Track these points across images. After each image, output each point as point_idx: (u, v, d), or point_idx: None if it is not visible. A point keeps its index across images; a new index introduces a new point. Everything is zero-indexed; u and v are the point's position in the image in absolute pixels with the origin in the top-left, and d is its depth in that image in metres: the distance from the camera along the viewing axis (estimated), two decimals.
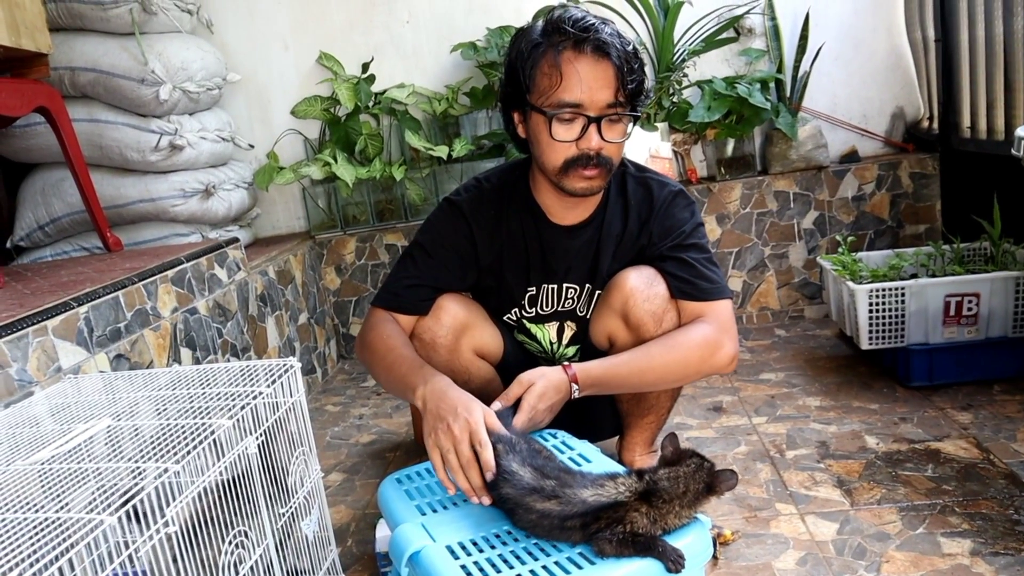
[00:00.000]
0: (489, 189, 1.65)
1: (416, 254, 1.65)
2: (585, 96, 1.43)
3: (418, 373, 1.44)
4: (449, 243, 1.63)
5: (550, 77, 1.44)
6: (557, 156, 1.48)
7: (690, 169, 2.98)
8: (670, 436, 1.19)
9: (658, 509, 1.08)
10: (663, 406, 1.72)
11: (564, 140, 1.46)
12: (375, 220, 3.10)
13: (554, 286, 1.68)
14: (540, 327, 1.74)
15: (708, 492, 1.11)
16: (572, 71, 1.43)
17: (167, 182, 2.58)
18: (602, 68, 1.43)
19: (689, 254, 1.58)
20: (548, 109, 1.45)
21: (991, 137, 2.44)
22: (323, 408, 2.62)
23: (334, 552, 1.45)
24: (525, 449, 1.23)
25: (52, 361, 1.51)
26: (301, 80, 3.15)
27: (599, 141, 1.46)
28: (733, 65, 3.03)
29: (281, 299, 2.66)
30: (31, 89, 2.15)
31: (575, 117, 1.45)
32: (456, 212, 1.64)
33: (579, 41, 1.42)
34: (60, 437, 1.13)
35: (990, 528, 1.47)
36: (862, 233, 2.90)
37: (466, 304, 1.67)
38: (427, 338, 1.62)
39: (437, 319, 1.62)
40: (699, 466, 1.12)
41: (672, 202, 1.62)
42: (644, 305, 1.56)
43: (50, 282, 1.91)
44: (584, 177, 1.49)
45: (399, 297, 1.62)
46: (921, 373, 2.14)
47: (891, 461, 1.77)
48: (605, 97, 1.44)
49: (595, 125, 1.45)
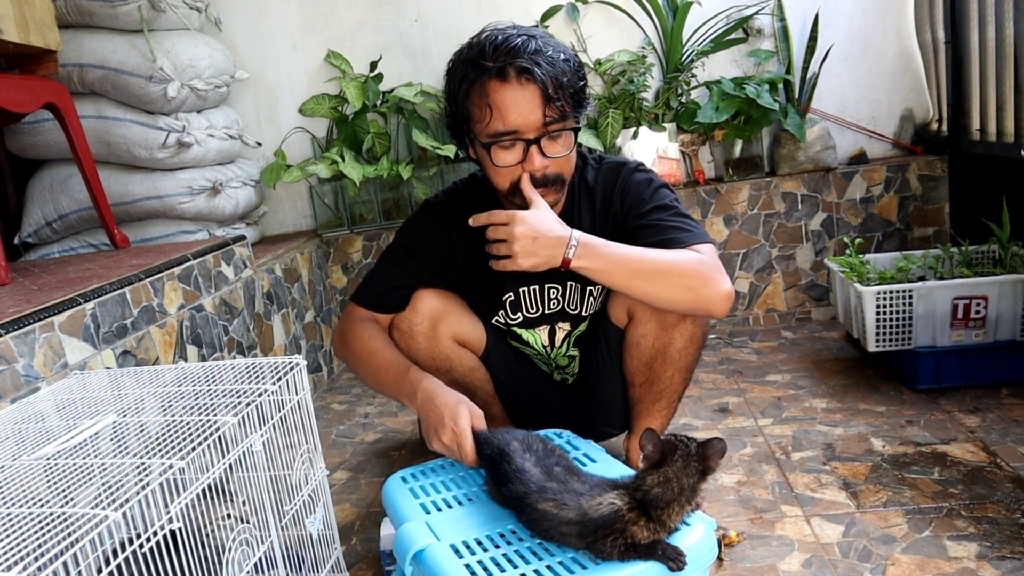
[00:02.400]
0: (464, 191, 1.70)
1: (396, 254, 1.69)
2: (519, 121, 1.45)
3: (406, 380, 1.51)
4: (429, 244, 1.67)
5: (480, 109, 1.47)
6: (504, 180, 1.52)
7: (698, 170, 2.98)
8: (647, 433, 1.11)
9: (657, 518, 1.06)
10: (675, 391, 1.68)
11: (508, 165, 1.49)
12: (382, 219, 3.10)
13: (535, 287, 1.69)
14: (531, 332, 1.75)
15: (704, 475, 1.08)
16: (500, 99, 1.44)
17: (174, 179, 2.59)
18: (530, 90, 1.44)
19: (653, 217, 1.57)
20: (485, 140, 1.48)
21: (1000, 140, 2.43)
22: (329, 406, 2.62)
23: (338, 550, 1.45)
24: (541, 449, 1.23)
25: (58, 357, 1.51)
26: (309, 78, 3.15)
27: (542, 161, 1.48)
28: (742, 66, 3.02)
29: (288, 297, 2.67)
30: (40, 85, 2.15)
31: (513, 143, 1.47)
32: (434, 214, 1.68)
33: (502, 68, 1.43)
34: (65, 433, 1.14)
35: (996, 532, 1.46)
36: (870, 235, 2.89)
37: (443, 295, 1.70)
38: (404, 327, 1.65)
39: (413, 308, 1.66)
40: (686, 457, 1.08)
41: (629, 178, 1.62)
42: None
43: (57, 278, 1.92)
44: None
45: (380, 297, 1.67)
46: (928, 376, 2.13)
47: (897, 464, 1.77)
48: (538, 117, 1.45)
49: (535, 146, 1.46)
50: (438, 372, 1.67)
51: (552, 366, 1.82)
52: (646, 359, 1.64)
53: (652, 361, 1.64)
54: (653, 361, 1.64)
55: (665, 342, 1.61)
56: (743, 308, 2.97)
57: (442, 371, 1.68)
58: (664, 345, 1.62)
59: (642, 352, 1.64)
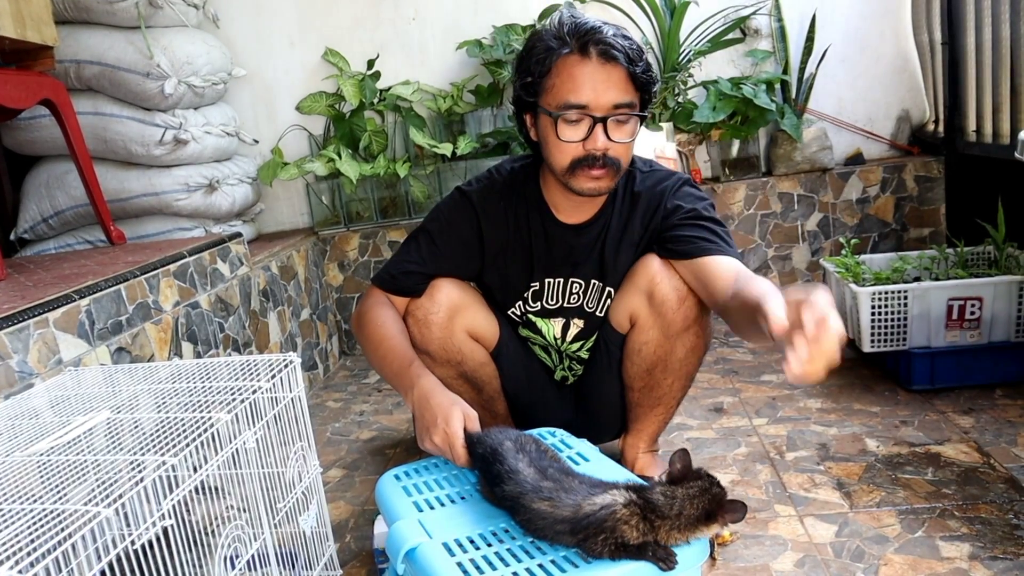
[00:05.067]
0: (500, 182, 1.67)
1: (422, 239, 1.67)
2: (591, 97, 1.45)
3: (407, 374, 1.50)
4: (456, 233, 1.65)
5: (557, 80, 1.47)
6: (564, 157, 1.50)
7: (694, 170, 2.98)
8: (680, 452, 1.12)
9: (649, 523, 1.04)
10: (674, 397, 1.70)
11: (570, 140, 1.48)
12: (379, 217, 3.10)
13: (559, 280, 1.69)
14: (545, 321, 1.74)
15: (707, 519, 1.06)
16: (578, 73, 1.45)
17: (171, 176, 2.59)
18: (607, 70, 1.45)
19: (707, 223, 1.57)
20: (554, 111, 1.47)
21: (996, 141, 2.44)
22: (324, 404, 2.62)
23: (332, 548, 1.46)
24: (533, 450, 1.23)
25: (53, 353, 1.51)
26: (306, 76, 3.15)
27: (605, 141, 1.47)
28: (739, 66, 3.03)
29: (284, 295, 2.66)
30: (36, 81, 2.15)
31: (581, 118, 1.47)
32: (466, 202, 1.66)
33: (584, 44, 1.45)
34: (59, 429, 1.14)
35: (989, 532, 1.46)
36: (866, 236, 2.89)
37: (461, 286, 1.69)
38: (420, 315, 1.64)
39: (431, 297, 1.65)
40: (703, 490, 1.07)
41: (681, 187, 1.63)
42: (670, 282, 1.56)
43: (52, 274, 1.92)
44: (591, 177, 1.51)
45: (396, 280, 1.66)
46: (923, 376, 2.13)
47: (891, 464, 1.77)
48: (611, 98, 1.45)
49: (601, 125, 1.46)
50: (448, 364, 1.67)
51: (556, 360, 1.81)
52: (647, 366, 1.65)
53: (653, 368, 1.65)
54: (654, 368, 1.65)
55: (667, 350, 1.62)
56: None
57: (453, 363, 1.68)
58: (666, 353, 1.62)
59: (643, 359, 1.65)
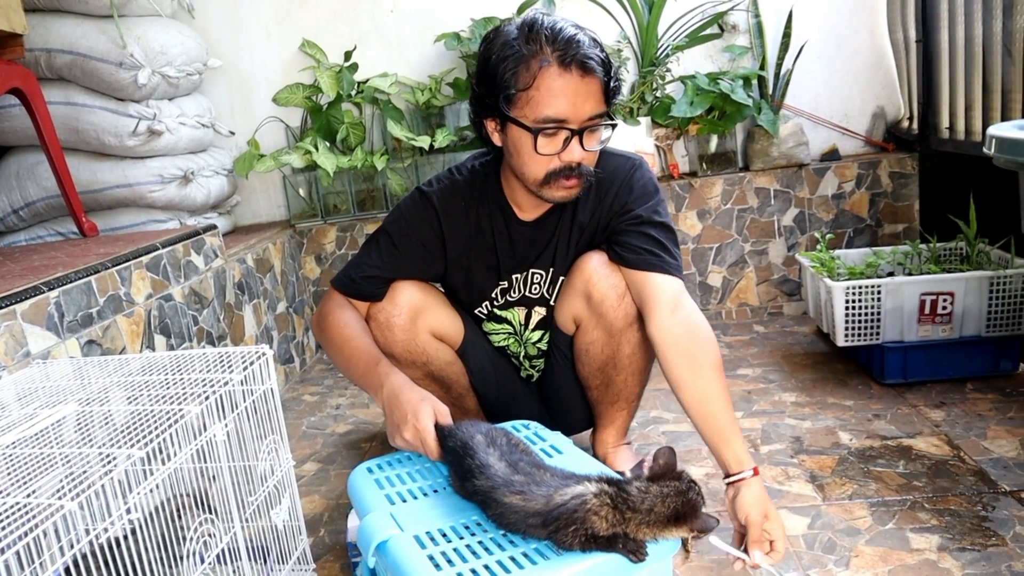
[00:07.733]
0: (462, 182, 1.64)
1: (382, 242, 1.64)
2: (570, 112, 1.41)
3: (374, 373, 1.48)
4: (416, 234, 1.63)
5: (535, 93, 1.41)
6: (539, 169, 1.47)
7: (672, 164, 2.99)
8: (666, 449, 1.13)
9: (620, 513, 1.05)
10: (631, 391, 1.72)
11: (548, 154, 1.45)
12: (356, 210, 3.08)
13: (523, 273, 1.69)
14: (510, 311, 1.74)
15: (676, 520, 1.06)
16: (559, 88, 1.40)
17: (145, 167, 2.56)
18: (587, 83, 1.41)
19: (654, 231, 1.56)
20: (532, 125, 1.42)
21: (969, 138, 2.46)
22: (300, 398, 2.61)
23: (305, 542, 1.45)
24: (504, 443, 1.23)
25: (20, 346, 1.49)
26: (283, 67, 3.12)
27: (581, 153, 1.45)
28: (716, 61, 3.04)
29: (259, 287, 2.64)
30: (5, 70, 2.11)
31: (557, 131, 1.44)
32: (427, 204, 1.62)
33: (564, 57, 1.39)
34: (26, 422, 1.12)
35: (958, 524, 1.48)
36: (841, 231, 2.91)
37: (422, 287, 1.68)
38: (382, 319, 1.63)
39: (392, 300, 1.63)
40: (678, 491, 1.07)
41: (632, 176, 1.61)
42: (607, 280, 1.57)
43: (21, 266, 1.89)
44: (564, 187, 1.49)
45: (357, 285, 1.63)
46: (896, 371, 2.15)
47: (863, 457, 1.78)
48: (588, 110, 1.43)
49: (577, 137, 1.44)
50: (415, 365, 1.66)
51: (522, 354, 1.81)
52: (597, 364, 1.66)
53: (604, 366, 1.66)
54: (605, 366, 1.66)
55: (613, 348, 1.63)
56: (716, 302, 2.98)
57: (419, 364, 1.67)
58: (613, 352, 1.64)
59: (592, 359, 1.66)
